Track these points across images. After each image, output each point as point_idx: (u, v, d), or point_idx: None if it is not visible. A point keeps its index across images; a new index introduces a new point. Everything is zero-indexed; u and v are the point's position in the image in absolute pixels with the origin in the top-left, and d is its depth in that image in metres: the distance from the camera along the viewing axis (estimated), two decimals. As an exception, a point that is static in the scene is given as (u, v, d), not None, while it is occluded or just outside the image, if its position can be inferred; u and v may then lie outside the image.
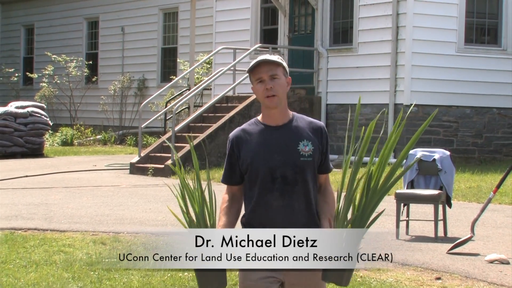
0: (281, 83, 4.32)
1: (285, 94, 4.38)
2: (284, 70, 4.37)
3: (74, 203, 13.06)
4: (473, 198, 13.28)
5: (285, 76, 4.37)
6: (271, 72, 4.28)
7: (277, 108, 4.35)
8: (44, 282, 7.51)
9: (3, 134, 21.89)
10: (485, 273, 8.11)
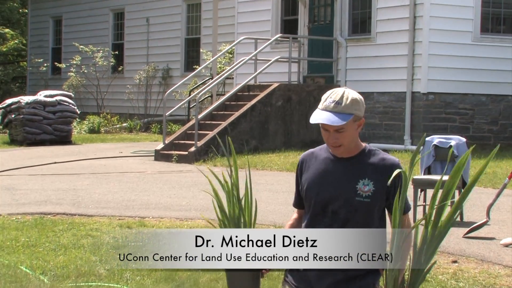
0: (349, 135, 3.88)
1: (353, 139, 3.93)
2: (355, 116, 3.86)
3: (101, 188, 13.11)
4: (489, 184, 13.23)
5: (357, 120, 3.89)
6: (336, 127, 3.84)
7: (343, 154, 3.97)
8: (72, 265, 7.54)
9: (33, 122, 22.00)
10: (500, 256, 8.08)
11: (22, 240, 8.65)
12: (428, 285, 6.87)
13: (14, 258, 7.81)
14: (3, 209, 10.78)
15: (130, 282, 6.97)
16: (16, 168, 16.11)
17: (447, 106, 18.10)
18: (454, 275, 7.26)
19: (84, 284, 6.88)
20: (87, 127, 26.22)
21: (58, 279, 7.06)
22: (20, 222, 9.79)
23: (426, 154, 10.46)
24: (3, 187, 13.22)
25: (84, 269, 7.36)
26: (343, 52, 19.48)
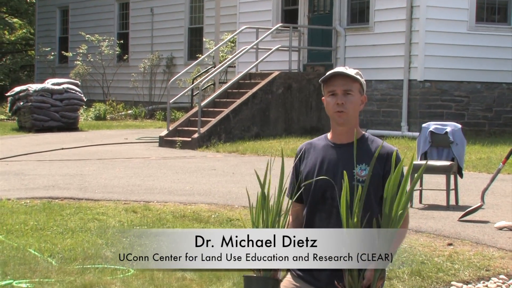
0: (354, 101, 3.88)
1: (356, 113, 3.93)
2: (360, 87, 3.90)
3: (107, 174, 13.12)
4: (483, 169, 13.23)
5: (361, 93, 3.91)
6: (345, 87, 3.85)
7: (344, 125, 3.92)
8: (79, 247, 7.55)
9: (41, 109, 22.02)
10: (495, 239, 8.09)
11: (30, 224, 8.66)
12: (424, 267, 6.88)
13: (23, 241, 7.82)
14: (12, 194, 10.79)
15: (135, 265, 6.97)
16: (24, 154, 16.13)
17: (443, 94, 18.09)
18: (450, 257, 7.26)
19: (90, 266, 6.89)
20: (94, 114, 26.22)
21: (65, 261, 7.08)
22: (28, 206, 9.81)
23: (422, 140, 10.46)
24: (12, 172, 13.24)
25: (90, 252, 7.38)
26: (342, 41, 19.47)
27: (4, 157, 15.44)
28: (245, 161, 14.91)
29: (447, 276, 6.70)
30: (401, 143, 16.13)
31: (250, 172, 12.54)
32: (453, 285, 6.51)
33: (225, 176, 12.80)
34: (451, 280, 6.60)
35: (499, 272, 6.86)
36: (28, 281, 6.41)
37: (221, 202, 10.22)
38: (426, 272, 6.73)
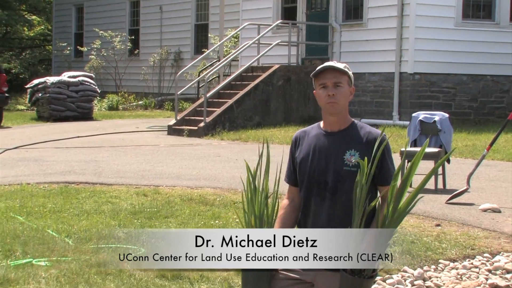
0: (344, 92, 3.84)
1: (346, 103, 3.89)
2: (349, 79, 3.88)
3: (120, 160, 13.12)
4: (469, 155, 13.22)
5: (349, 85, 3.88)
6: (335, 80, 3.82)
7: (336, 115, 3.88)
8: (94, 228, 7.56)
9: (58, 100, 22.02)
10: (479, 220, 8.10)
11: (49, 206, 8.68)
12: (414, 247, 6.88)
13: (41, 222, 7.83)
14: (32, 179, 10.80)
15: (146, 244, 6.97)
16: (43, 141, 16.13)
17: (432, 85, 18.08)
18: (438, 237, 7.27)
19: (104, 246, 6.90)
20: (107, 105, 26.22)
21: (81, 241, 7.09)
22: (47, 190, 9.82)
23: (412, 129, 10.46)
24: (32, 159, 13.25)
25: (104, 233, 7.38)
26: (338, 36, 19.44)
27: (24, 145, 15.45)
28: (247, 148, 14.91)
29: (435, 254, 6.71)
30: (393, 131, 16.11)
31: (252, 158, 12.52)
32: (441, 263, 6.52)
33: (229, 162, 12.80)
34: (439, 259, 6.61)
35: (484, 251, 6.86)
36: (46, 259, 6.43)
37: (226, 186, 10.23)
38: (415, 251, 6.74)
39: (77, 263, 6.24)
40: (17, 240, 7.04)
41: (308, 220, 3.90)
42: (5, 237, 7.11)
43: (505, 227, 7.75)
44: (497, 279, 6.14)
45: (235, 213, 8.32)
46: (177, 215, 8.27)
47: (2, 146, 15.01)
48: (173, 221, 7.97)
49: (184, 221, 7.95)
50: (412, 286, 5.95)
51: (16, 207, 8.65)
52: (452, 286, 5.96)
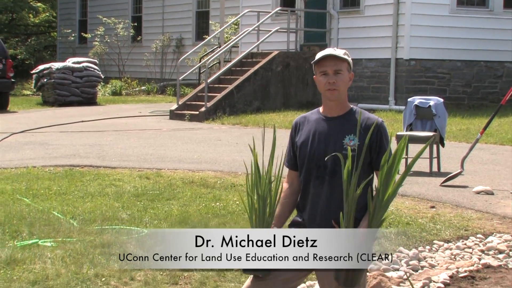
0: (344, 79, 3.81)
1: (346, 89, 3.86)
2: (348, 65, 3.85)
3: (123, 144, 13.12)
4: (463, 139, 13.23)
5: (349, 71, 3.85)
6: (335, 67, 3.79)
7: (335, 101, 3.86)
8: (98, 210, 7.57)
9: (62, 85, 22.01)
10: (473, 202, 8.11)
11: (54, 189, 8.69)
12: (409, 228, 6.90)
13: (47, 204, 7.84)
14: (37, 162, 10.81)
15: (148, 226, 7.00)
16: (48, 126, 16.13)
17: (427, 71, 18.05)
18: (432, 219, 7.29)
19: (108, 227, 6.91)
20: (110, 90, 26.19)
21: (85, 222, 7.10)
22: (52, 173, 9.82)
23: (408, 113, 10.45)
24: (38, 142, 13.25)
25: (108, 214, 7.40)
26: (335, 23, 19.39)
27: (30, 129, 15.45)
28: (247, 132, 14.90)
29: (430, 235, 6.72)
30: (389, 116, 16.11)
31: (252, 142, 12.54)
32: (435, 244, 6.53)
33: (229, 146, 12.81)
34: (433, 239, 6.62)
35: (477, 232, 6.88)
36: (52, 240, 6.44)
37: (226, 170, 10.24)
38: (411, 232, 6.75)
39: (82, 244, 6.25)
40: (23, 221, 7.06)
41: (306, 203, 3.89)
42: (12, 219, 7.13)
43: (498, 209, 7.76)
44: (489, 259, 6.15)
45: (235, 195, 8.34)
46: (179, 197, 8.28)
47: (9, 130, 15.01)
48: (175, 203, 7.98)
49: (186, 203, 7.96)
50: (407, 266, 5.96)
51: (22, 189, 8.66)
52: (446, 266, 5.97)
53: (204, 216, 7.35)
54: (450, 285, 5.53)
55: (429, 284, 5.52)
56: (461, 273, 5.75)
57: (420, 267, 5.96)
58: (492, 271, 5.84)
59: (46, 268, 5.63)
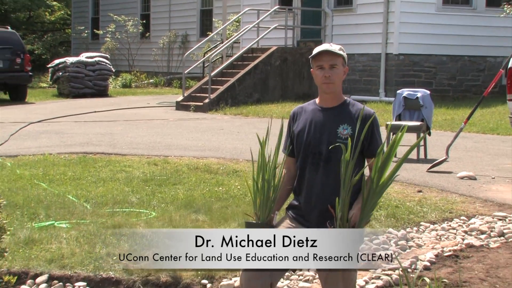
0: (339, 73, 3.81)
1: (340, 82, 3.86)
2: (343, 60, 3.83)
3: (132, 133, 13.11)
4: (448, 128, 13.22)
5: (344, 66, 3.84)
6: (331, 62, 3.78)
7: (331, 93, 3.85)
8: (109, 194, 7.57)
9: (76, 78, 21.98)
10: (457, 186, 8.11)
11: (69, 174, 8.68)
12: (398, 210, 6.89)
13: (62, 188, 7.84)
14: (53, 149, 10.80)
15: (156, 209, 7.00)
16: (63, 116, 16.12)
17: (415, 65, 18.03)
18: (419, 202, 7.29)
19: (119, 210, 6.92)
20: (121, 83, 26.16)
21: (98, 205, 7.10)
22: (67, 160, 9.82)
23: (397, 104, 10.43)
24: (53, 131, 13.24)
25: (119, 198, 7.40)
26: (330, 20, 19.34)
27: (47, 119, 15.44)
28: (248, 122, 14.89)
29: (417, 217, 6.72)
30: (379, 107, 16.10)
31: (252, 131, 12.53)
32: (422, 225, 6.54)
33: (231, 135, 12.80)
34: (420, 221, 6.62)
35: (461, 214, 6.88)
36: (67, 222, 6.44)
37: (228, 157, 10.23)
38: (399, 215, 6.76)
39: (95, 225, 6.25)
40: (40, 204, 7.06)
41: (303, 188, 3.88)
42: (30, 202, 7.13)
43: (480, 193, 7.76)
44: (472, 239, 6.16)
45: (237, 181, 8.34)
46: (185, 182, 8.27)
47: (27, 120, 15.00)
48: (180, 187, 7.98)
49: (191, 188, 7.96)
50: (396, 246, 5.96)
51: (39, 175, 8.66)
52: (432, 246, 5.98)
53: (208, 199, 7.35)
54: (435, 263, 5.53)
55: (416, 262, 5.53)
56: (446, 253, 5.76)
57: (408, 247, 5.97)
58: (475, 251, 5.85)
59: (61, 248, 5.64)
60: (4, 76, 19.98)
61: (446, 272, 5.32)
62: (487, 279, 5.15)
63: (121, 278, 5.08)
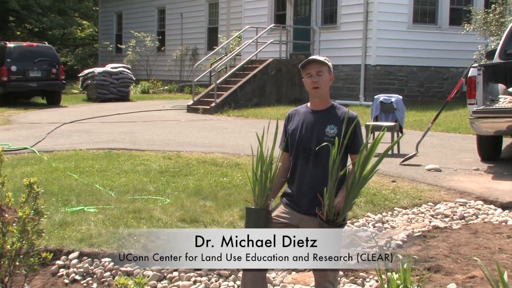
0: (325, 79, 3.79)
1: (327, 87, 3.83)
2: (328, 68, 3.82)
3: (150, 131, 13.10)
4: (417, 127, 13.21)
5: (329, 73, 3.83)
6: (317, 69, 3.77)
7: (319, 97, 3.84)
8: (131, 184, 7.57)
9: (103, 85, 21.99)
10: (425, 177, 8.11)
11: (96, 167, 8.68)
12: (376, 198, 6.89)
13: (91, 179, 7.84)
14: (83, 146, 10.80)
15: (170, 196, 6.99)
16: (91, 117, 16.11)
17: (389, 74, 18.02)
18: (393, 190, 7.28)
19: (138, 197, 6.91)
20: (140, 89, 26.14)
21: (121, 193, 7.10)
22: (95, 155, 9.81)
23: (374, 108, 10.42)
24: (83, 130, 13.23)
25: (139, 187, 7.39)
26: (318, 36, 19.32)
27: (77, 120, 15.43)
28: (248, 123, 14.87)
29: (391, 203, 6.72)
30: (359, 110, 16.08)
31: (252, 130, 12.53)
32: (396, 210, 6.53)
33: (234, 133, 12.79)
34: (394, 207, 6.62)
35: (428, 200, 6.88)
36: (95, 207, 6.44)
37: (231, 152, 10.23)
38: (376, 201, 6.75)
39: (118, 210, 6.25)
40: (72, 192, 7.06)
41: (295, 178, 3.86)
42: (63, 190, 7.13)
43: (445, 183, 7.76)
44: (438, 222, 6.16)
45: (239, 172, 8.33)
46: (194, 173, 8.27)
47: (61, 121, 15.00)
48: (191, 178, 7.97)
49: (200, 178, 7.95)
50: (374, 227, 5.96)
51: (71, 167, 8.66)
52: (404, 227, 5.97)
53: (214, 188, 7.34)
54: (407, 242, 5.53)
55: (391, 241, 5.52)
56: (415, 233, 5.76)
57: (384, 228, 5.96)
58: (440, 231, 5.85)
59: (90, 229, 5.63)
60: (42, 84, 20.05)
61: (416, 249, 5.32)
62: (450, 255, 5.15)
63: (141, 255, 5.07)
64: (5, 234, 4.13)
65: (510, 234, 5.66)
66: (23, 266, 4.20)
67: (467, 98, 8.82)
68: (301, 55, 19.61)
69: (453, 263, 4.95)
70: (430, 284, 4.56)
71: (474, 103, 8.61)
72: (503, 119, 8.36)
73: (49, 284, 4.84)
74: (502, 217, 6.33)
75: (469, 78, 8.67)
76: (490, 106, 8.57)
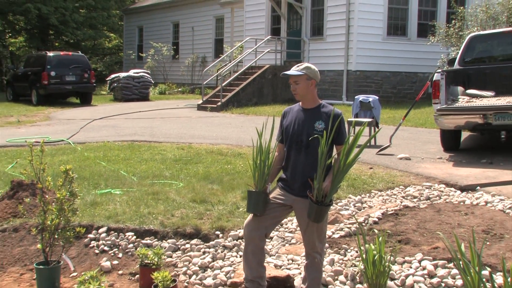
0: (301, 86, 3.76)
1: (307, 91, 3.78)
2: (307, 76, 3.77)
3: (166, 126, 13.09)
4: (391, 123, 13.19)
5: (308, 79, 3.77)
6: (294, 80, 3.77)
7: (300, 99, 3.83)
8: (150, 170, 7.56)
9: (127, 88, 21.95)
10: (397, 165, 8.10)
11: (121, 156, 8.67)
12: (355, 182, 6.88)
13: (116, 166, 7.83)
14: (110, 138, 10.79)
15: (183, 180, 6.99)
16: (117, 114, 16.09)
17: (367, 78, 17.99)
18: (371, 176, 7.28)
19: (157, 182, 6.90)
20: (158, 91, 26.09)
21: (142, 178, 7.09)
22: (120, 146, 9.81)
23: (355, 106, 10.40)
24: (110, 125, 13.21)
25: (157, 173, 7.39)
26: (307, 46, 19.27)
27: (106, 116, 15.41)
28: (249, 119, 14.86)
29: (369, 187, 6.72)
30: (342, 108, 16.04)
31: (252, 125, 12.51)
32: (373, 192, 6.53)
33: (236, 128, 12.77)
34: (371, 189, 6.62)
35: (400, 184, 6.88)
36: (120, 189, 6.43)
37: (234, 143, 10.22)
38: (356, 185, 6.75)
39: (139, 192, 6.24)
40: (101, 177, 7.05)
41: (289, 166, 3.86)
42: (94, 175, 7.13)
43: (413, 169, 7.76)
44: (408, 202, 6.16)
45: (241, 161, 8.33)
46: (203, 161, 8.26)
47: (92, 117, 14.98)
48: (200, 165, 7.97)
49: (208, 165, 7.95)
50: (354, 207, 5.96)
51: (100, 156, 8.65)
52: (379, 207, 5.97)
53: (220, 174, 7.34)
54: (382, 219, 5.53)
55: (368, 218, 5.52)
56: (389, 212, 5.76)
57: (362, 208, 5.97)
58: (409, 210, 5.85)
59: (116, 208, 5.63)
60: (76, 86, 20.11)
61: (389, 225, 5.32)
62: (417, 230, 5.15)
63: (158, 230, 5.08)
64: (46, 212, 4.16)
65: (467, 212, 5.67)
66: (61, 238, 4.23)
67: (432, 98, 8.82)
68: (294, 62, 19.55)
69: (420, 236, 4.95)
70: (401, 253, 4.57)
71: (438, 103, 8.61)
72: (462, 116, 8.37)
73: (82, 253, 4.85)
74: (461, 198, 6.33)
75: (434, 82, 8.66)
76: (451, 105, 8.57)
